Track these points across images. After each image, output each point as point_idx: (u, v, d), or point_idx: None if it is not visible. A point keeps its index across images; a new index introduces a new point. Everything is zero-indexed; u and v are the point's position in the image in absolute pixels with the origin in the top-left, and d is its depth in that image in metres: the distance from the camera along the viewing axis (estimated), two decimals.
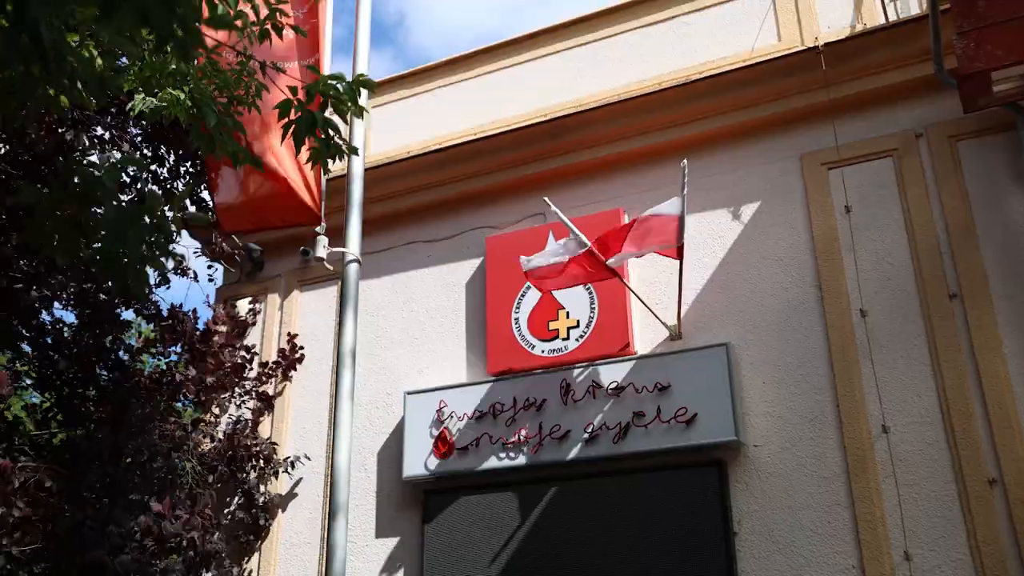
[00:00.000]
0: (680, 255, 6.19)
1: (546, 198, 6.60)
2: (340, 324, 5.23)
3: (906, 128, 6.54)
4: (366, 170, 8.10)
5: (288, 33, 4.26)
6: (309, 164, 4.04)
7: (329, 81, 3.69)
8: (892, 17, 6.88)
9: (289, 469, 7.60)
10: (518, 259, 7.06)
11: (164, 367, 7.88)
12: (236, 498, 7.58)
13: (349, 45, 6.45)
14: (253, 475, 7.55)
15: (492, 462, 6.79)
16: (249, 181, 5.86)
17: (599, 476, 6.53)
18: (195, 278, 7.60)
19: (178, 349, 8.05)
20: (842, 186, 6.59)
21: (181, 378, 7.48)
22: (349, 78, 3.86)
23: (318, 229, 5.95)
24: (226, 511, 7.53)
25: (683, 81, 7.14)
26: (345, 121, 3.95)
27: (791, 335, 6.41)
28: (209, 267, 7.85)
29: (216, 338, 7.94)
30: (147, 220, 3.03)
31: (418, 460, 7.04)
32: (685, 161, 6.15)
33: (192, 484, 7.15)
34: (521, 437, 6.73)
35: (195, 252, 7.97)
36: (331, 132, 3.75)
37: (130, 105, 4.08)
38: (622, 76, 7.71)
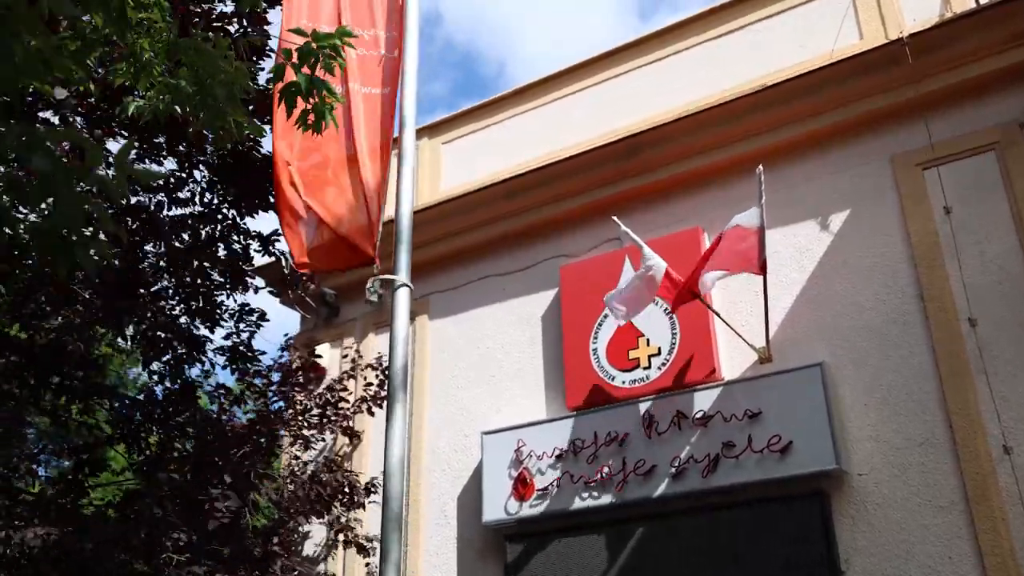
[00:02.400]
0: (763, 271, 5.75)
1: (614, 217, 6.25)
2: (391, 345, 4.79)
3: (1007, 119, 5.96)
4: (437, 205, 8.02)
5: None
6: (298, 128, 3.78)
7: (315, 42, 3.51)
8: (983, 0, 6.32)
9: (368, 499, 7.26)
10: (594, 288, 6.77)
11: (255, 414, 7.73)
12: (327, 533, 7.41)
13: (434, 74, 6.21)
14: (340, 509, 7.31)
15: (575, 503, 6.39)
16: (311, 221, 5.66)
17: (689, 513, 6.05)
18: (261, 318, 7.41)
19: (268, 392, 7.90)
20: (939, 186, 6.03)
21: (272, 427, 7.27)
22: None
23: (374, 269, 5.67)
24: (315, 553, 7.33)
25: (759, 88, 6.74)
26: (332, 73, 3.76)
27: (893, 351, 5.84)
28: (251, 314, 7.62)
29: (310, 386, 7.79)
30: (83, 185, 2.70)
31: (498, 504, 6.70)
32: (760, 168, 5.73)
33: (280, 530, 6.97)
34: (604, 475, 6.31)
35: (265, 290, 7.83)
36: (324, 93, 3.58)
37: (119, 108, 3.91)
38: (694, 91, 7.34)
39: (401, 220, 4.93)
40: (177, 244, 6.82)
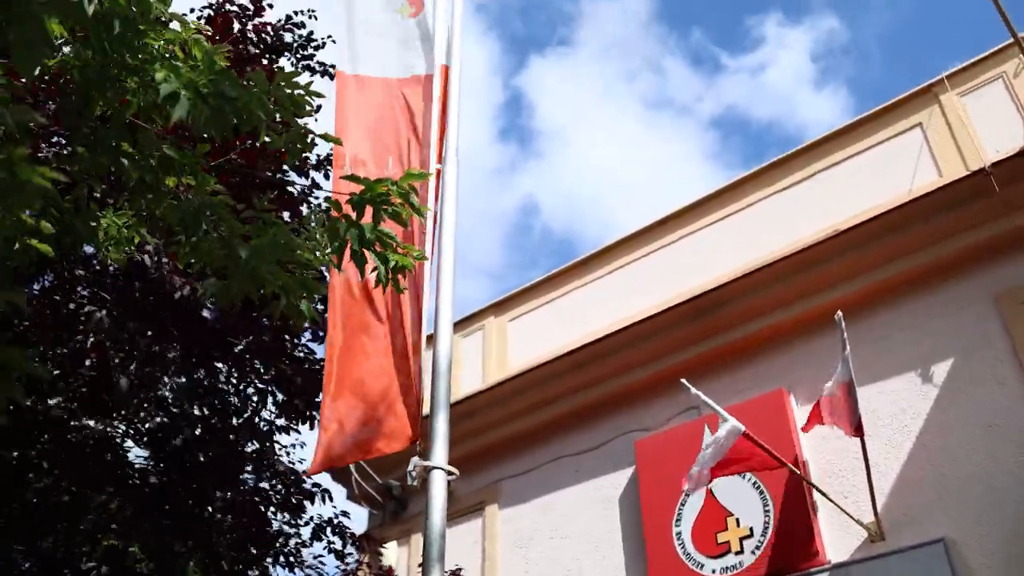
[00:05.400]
0: (859, 432, 5.03)
1: (683, 380, 5.65)
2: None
3: None
4: (503, 383, 7.58)
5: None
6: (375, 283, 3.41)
7: (377, 188, 3.18)
8: None
9: None
10: (672, 464, 6.15)
11: None
12: None
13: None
14: None
15: None
16: (344, 407, 5.28)
17: None
18: (338, 554, 6.95)
19: None
20: None
21: None
22: None
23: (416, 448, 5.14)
24: None
25: (833, 233, 6.23)
26: (404, 226, 3.42)
27: None
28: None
29: None
30: None
31: None
32: (839, 314, 5.13)
33: None
34: None
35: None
36: (389, 244, 3.23)
37: (201, 291, 3.71)
38: (765, 244, 6.87)
39: (439, 402, 4.50)
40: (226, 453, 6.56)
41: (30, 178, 2.42)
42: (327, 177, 6.94)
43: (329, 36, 6.91)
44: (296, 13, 7.02)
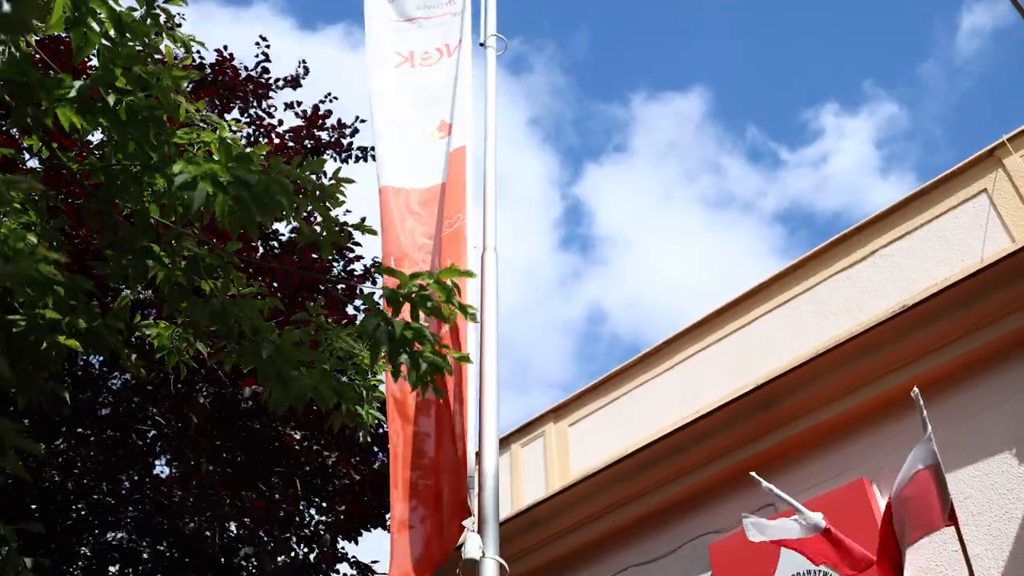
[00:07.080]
0: (953, 520, 4.56)
1: (753, 473, 5.27)
2: None
3: None
4: (564, 491, 7.23)
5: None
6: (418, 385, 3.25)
7: (414, 281, 3.00)
8: None
9: None
10: (751, 567, 5.70)
11: None
12: None
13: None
14: None
15: None
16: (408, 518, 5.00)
17: None
18: None
19: None
20: None
21: None
22: None
23: (466, 523, 4.78)
24: None
25: (900, 309, 5.88)
26: (448, 323, 3.24)
27: None
28: None
29: None
30: None
31: None
32: (916, 390, 4.75)
33: None
34: None
35: None
36: (426, 342, 3.05)
37: (265, 399, 3.63)
38: (832, 327, 6.54)
39: (487, 521, 4.22)
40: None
41: (32, 272, 2.32)
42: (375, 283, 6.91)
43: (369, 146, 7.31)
44: (340, 125, 7.40)
